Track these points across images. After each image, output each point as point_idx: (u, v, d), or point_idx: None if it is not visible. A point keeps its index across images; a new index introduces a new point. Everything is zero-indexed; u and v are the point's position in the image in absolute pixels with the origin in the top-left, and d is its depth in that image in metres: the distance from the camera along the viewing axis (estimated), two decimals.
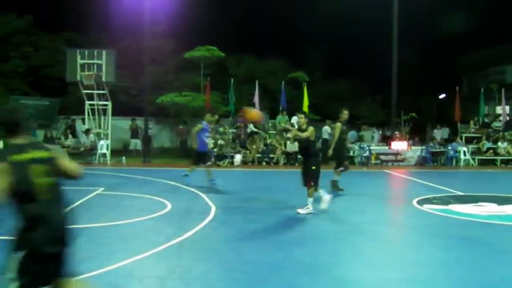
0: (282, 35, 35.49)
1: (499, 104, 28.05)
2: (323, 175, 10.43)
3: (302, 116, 10.29)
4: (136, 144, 23.29)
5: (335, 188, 12.79)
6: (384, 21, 23.94)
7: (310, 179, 9.91)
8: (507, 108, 27.33)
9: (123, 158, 20.88)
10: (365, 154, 21.55)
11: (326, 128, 21.90)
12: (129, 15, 26.28)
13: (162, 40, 28.95)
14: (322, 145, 21.78)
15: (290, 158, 20.81)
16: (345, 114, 12.84)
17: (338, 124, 12.81)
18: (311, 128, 9.95)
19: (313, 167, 9.96)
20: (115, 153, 21.67)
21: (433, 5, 33.57)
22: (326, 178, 11.97)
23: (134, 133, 23.56)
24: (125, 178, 15.27)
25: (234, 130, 22.64)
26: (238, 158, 20.37)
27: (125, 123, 24.90)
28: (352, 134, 23.81)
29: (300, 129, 10.11)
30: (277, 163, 20.62)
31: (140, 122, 23.68)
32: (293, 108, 24.50)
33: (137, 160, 21.15)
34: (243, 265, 6.51)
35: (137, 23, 24.02)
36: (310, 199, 9.90)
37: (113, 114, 22.14)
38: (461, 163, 22.33)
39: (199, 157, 14.14)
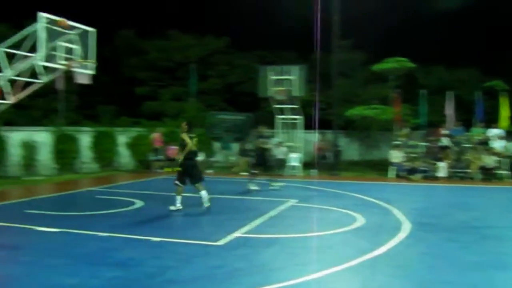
0: (474, 42, 33.49)
1: None
2: None
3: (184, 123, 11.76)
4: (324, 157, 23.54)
5: None
6: None
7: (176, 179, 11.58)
8: None
9: (314, 170, 21.25)
10: None
11: None
12: (317, 30, 26.82)
13: (350, 53, 29.14)
14: None
15: (487, 174, 19.42)
16: None
17: None
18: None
19: (179, 168, 11.56)
20: (305, 165, 22.13)
21: None
22: None
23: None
24: (316, 190, 15.54)
25: (426, 144, 21.79)
26: (442, 167, 19.59)
27: (314, 136, 25.37)
28: None
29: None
30: (471, 178, 19.40)
31: (329, 135, 23.93)
32: (490, 120, 22.94)
33: (326, 173, 21.39)
34: (440, 285, 6.26)
35: (326, 38, 24.37)
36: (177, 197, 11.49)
37: (303, 128, 22.77)
38: None
39: None
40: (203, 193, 11.48)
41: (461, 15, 33.19)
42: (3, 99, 14.65)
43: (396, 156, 20.40)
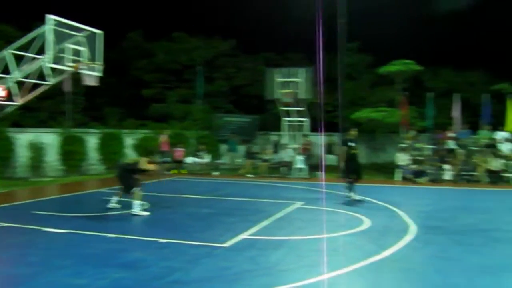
0: (483, 44, 33.31)
1: None
2: None
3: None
4: (331, 159, 23.50)
5: None
6: None
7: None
8: None
9: (319, 173, 21.23)
10: None
11: None
12: (324, 33, 26.82)
13: (357, 55, 29.17)
14: None
15: (494, 177, 19.32)
16: None
17: None
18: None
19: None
20: (311, 168, 22.10)
21: None
22: None
23: (329, 149, 23.84)
24: (323, 193, 15.52)
25: (433, 146, 21.73)
26: (448, 170, 19.57)
27: (320, 138, 25.38)
28: None
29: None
30: (478, 181, 19.31)
31: (335, 138, 23.91)
32: (497, 123, 22.86)
33: (332, 175, 21.34)
34: None
35: (332, 40, 24.39)
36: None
37: (309, 130, 22.78)
38: None
39: None
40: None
41: (470, 17, 33.10)
42: (11, 100, 14.75)
43: (402, 158, 20.37)
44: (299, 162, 21.30)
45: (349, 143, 14.36)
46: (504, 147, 20.26)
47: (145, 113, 28.40)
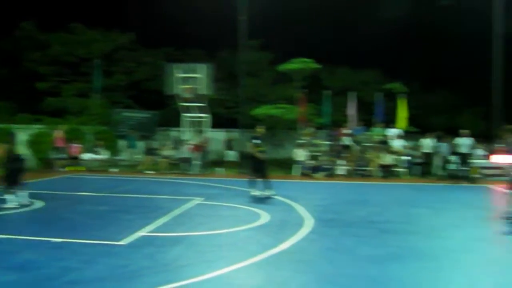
0: (376, 45, 34.85)
1: None
2: None
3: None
4: (231, 155, 23.70)
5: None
6: (486, 26, 22.84)
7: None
8: None
9: (220, 169, 21.35)
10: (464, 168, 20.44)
11: (428, 141, 20.97)
12: (225, 29, 26.96)
13: (258, 53, 29.51)
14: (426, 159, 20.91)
15: (386, 171, 20.32)
16: None
17: None
18: None
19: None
20: (211, 164, 22.19)
21: None
22: None
23: (230, 145, 24.03)
24: (223, 188, 15.63)
25: (329, 142, 22.45)
26: (342, 165, 20.33)
27: (221, 135, 25.53)
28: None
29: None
30: (370, 175, 20.22)
31: (235, 134, 24.13)
32: (389, 120, 24.03)
33: (233, 171, 21.52)
34: (340, 278, 6.50)
35: (234, 37, 24.58)
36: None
37: (210, 126, 22.84)
38: None
39: None
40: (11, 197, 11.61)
41: (365, 19, 34.47)
42: None
43: (300, 154, 20.92)
44: (198, 158, 21.27)
45: (254, 141, 14.09)
46: (396, 143, 21.36)
47: (39, 107, 27.18)
